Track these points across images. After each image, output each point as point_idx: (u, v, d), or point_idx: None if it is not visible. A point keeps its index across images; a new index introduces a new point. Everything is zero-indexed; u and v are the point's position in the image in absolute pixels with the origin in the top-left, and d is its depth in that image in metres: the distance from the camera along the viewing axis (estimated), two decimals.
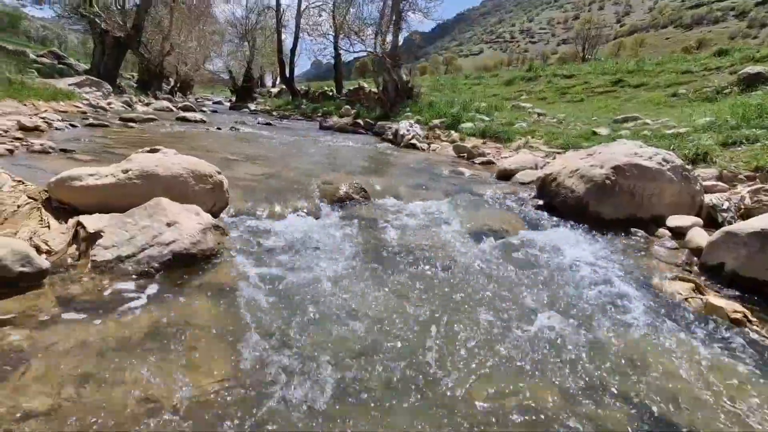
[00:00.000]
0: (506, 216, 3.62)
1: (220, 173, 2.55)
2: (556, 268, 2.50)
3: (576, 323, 1.87)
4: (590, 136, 7.66)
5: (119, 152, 4.28)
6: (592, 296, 2.15)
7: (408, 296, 1.98)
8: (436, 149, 8.37)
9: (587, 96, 13.02)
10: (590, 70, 16.37)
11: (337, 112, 16.13)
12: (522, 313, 1.91)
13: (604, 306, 2.05)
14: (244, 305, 1.74)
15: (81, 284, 1.66)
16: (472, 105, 11.63)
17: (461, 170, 5.49)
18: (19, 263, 1.51)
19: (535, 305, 1.99)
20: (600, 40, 41.98)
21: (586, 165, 3.78)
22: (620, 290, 2.24)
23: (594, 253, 2.79)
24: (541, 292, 2.14)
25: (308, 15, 21.49)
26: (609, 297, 2.16)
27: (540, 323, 1.83)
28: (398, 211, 3.44)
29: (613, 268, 2.56)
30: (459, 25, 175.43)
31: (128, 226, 1.91)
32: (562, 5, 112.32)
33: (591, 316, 1.95)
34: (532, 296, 2.09)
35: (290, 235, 2.64)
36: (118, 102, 11.77)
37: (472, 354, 1.57)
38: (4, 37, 53.99)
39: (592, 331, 1.82)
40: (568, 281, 2.31)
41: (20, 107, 7.00)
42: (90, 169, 2.14)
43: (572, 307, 2.01)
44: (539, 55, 69.07)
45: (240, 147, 6.04)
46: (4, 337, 1.29)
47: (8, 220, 1.97)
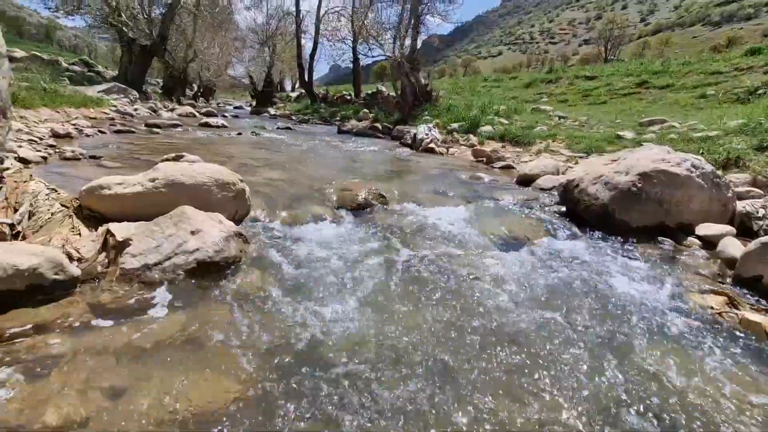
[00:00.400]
0: (528, 223, 3.55)
1: (242, 181, 2.59)
2: (581, 277, 2.43)
3: (602, 337, 1.81)
4: (614, 140, 7.46)
5: (145, 158, 4.41)
6: (618, 309, 2.09)
7: (427, 307, 1.96)
8: (455, 153, 8.32)
9: (610, 98, 12.71)
10: (613, 71, 15.99)
11: (355, 116, 16.23)
12: (546, 326, 1.87)
13: (630, 319, 1.99)
14: (266, 314, 1.76)
15: (110, 292, 1.71)
16: (491, 108, 11.50)
17: (480, 175, 5.42)
18: (53, 271, 1.56)
19: (559, 318, 1.95)
20: (623, 39, 40.98)
21: (610, 171, 3.68)
22: (648, 303, 2.17)
23: (620, 263, 2.71)
24: (564, 303, 2.09)
25: (327, 20, 21.72)
26: (636, 310, 2.09)
27: (563, 336, 1.78)
28: (417, 218, 3.43)
29: (640, 278, 2.48)
30: (477, 27, 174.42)
31: (155, 234, 1.96)
32: (584, 5, 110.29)
33: (617, 330, 1.89)
34: (555, 308, 2.04)
35: (310, 242, 2.66)
36: (144, 108, 12.15)
37: (493, 368, 1.54)
38: (40, 46, 56.55)
39: (618, 346, 1.76)
40: (594, 292, 2.25)
41: (53, 114, 7.31)
42: (118, 178, 2.21)
43: (598, 320, 1.96)
44: (560, 56, 67.96)
45: (260, 152, 6.14)
46: (40, 344, 1.34)
47: (43, 228, 2.05)
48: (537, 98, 14.86)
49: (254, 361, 1.44)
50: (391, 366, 1.51)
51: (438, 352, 1.60)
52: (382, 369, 1.48)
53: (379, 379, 1.43)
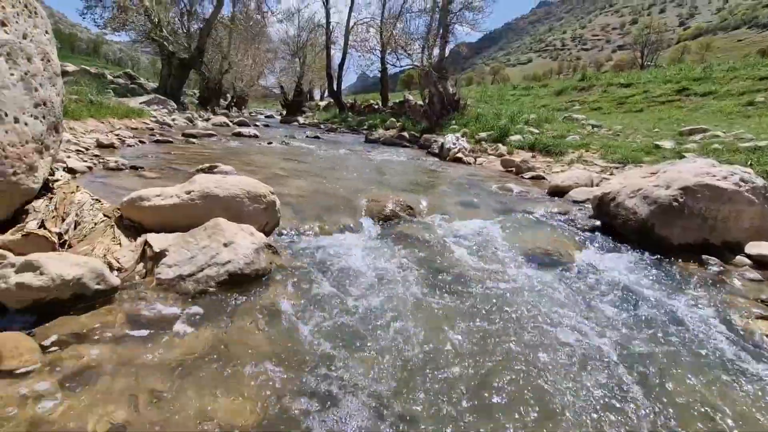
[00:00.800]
0: (560, 237, 3.44)
1: (273, 193, 2.64)
2: (618, 298, 2.32)
3: (642, 361, 1.71)
4: (651, 150, 7.16)
5: (181, 168, 4.59)
6: (660, 333, 1.97)
7: (459, 326, 1.92)
8: (483, 163, 8.21)
9: (647, 106, 12.23)
10: (650, 77, 15.39)
11: (382, 125, 16.34)
12: (580, 350, 1.78)
13: (674, 344, 1.87)
14: (294, 328, 1.77)
15: (146, 301, 1.76)
16: (521, 117, 11.30)
17: (510, 186, 5.31)
18: (95, 281, 1.63)
19: (594, 341, 1.85)
20: (661, 45, 39.42)
21: (649, 185, 3.51)
22: (693, 328, 2.03)
23: (661, 283, 2.57)
24: (600, 327, 1.99)
25: (356, 31, 22.11)
26: (680, 336, 1.96)
27: (599, 362, 1.69)
28: (445, 230, 3.38)
29: (683, 300, 2.33)
30: (506, 34, 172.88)
31: (190, 245, 2.02)
32: (618, 10, 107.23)
33: (658, 353, 1.78)
34: (591, 331, 1.95)
35: (337, 254, 2.67)
36: (181, 118, 12.70)
37: (525, 393, 1.48)
38: (89, 60, 60.45)
39: (659, 371, 1.65)
40: (633, 315, 2.13)
41: (99, 125, 7.75)
42: (156, 190, 2.30)
43: (639, 343, 1.85)
44: (592, 62, 66.16)
45: (289, 162, 6.27)
46: (81, 352, 1.40)
47: (87, 237, 2.16)
48: (569, 106, 14.49)
49: (281, 381, 1.44)
50: (416, 386, 1.47)
51: (472, 374, 1.56)
52: (405, 390, 1.45)
53: (400, 397, 1.40)
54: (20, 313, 1.51)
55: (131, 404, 1.24)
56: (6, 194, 2.03)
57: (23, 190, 2.13)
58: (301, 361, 1.55)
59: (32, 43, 2.20)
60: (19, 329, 1.45)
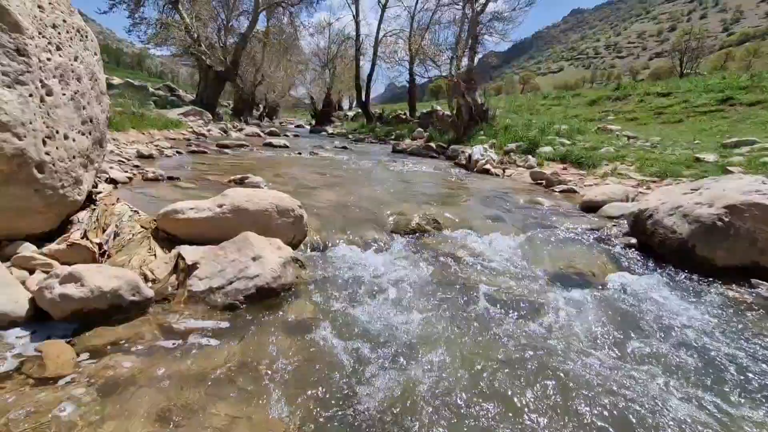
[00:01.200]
0: (593, 256, 3.30)
1: (300, 207, 2.68)
2: (657, 323, 2.19)
3: (688, 399, 1.60)
4: (692, 163, 6.82)
5: (214, 179, 4.75)
6: (704, 366, 1.84)
7: (484, 353, 1.86)
8: (512, 175, 8.05)
9: (687, 116, 11.69)
10: (691, 87, 14.72)
11: (409, 135, 16.39)
12: (617, 382, 1.69)
13: (719, 381, 1.74)
14: (319, 344, 1.78)
15: (177, 313, 1.82)
16: (552, 128, 11.05)
17: (539, 200, 5.18)
18: (130, 293, 1.70)
19: (634, 373, 1.75)
20: (702, 51, 37.71)
21: (690, 202, 3.34)
22: (741, 361, 1.89)
23: (705, 308, 2.41)
24: (637, 357, 1.88)
25: (385, 43, 22.40)
26: (726, 368, 1.82)
27: (640, 398, 1.59)
28: (471, 246, 3.32)
29: (730, 329, 2.18)
30: (537, 42, 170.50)
31: (219, 258, 2.08)
32: (655, 17, 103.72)
33: (707, 389, 1.66)
34: (628, 361, 1.84)
35: (363, 269, 2.67)
36: (215, 128, 13.20)
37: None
38: (132, 73, 64.28)
39: (712, 413, 1.54)
40: (672, 344, 2.00)
41: (140, 136, 8.17)
42: (190, 203, 2.38)
43: (682, 377, 1.73)
44: (627, 70, 64.10)
45: (317, 173, 6.37)
46: (115, 363, 1.45)
47: (125, 248, 2.26)
48: (602, 116, 14.06)
49: (306, 399, 1.44)
50: (439, 418, 1.44)
51: (477, 389, 1.51)
52: (428, 421, 1.42)
53: (431, 410, 1.37)
54: (62, 321, 1.59)
55: (162, 417, 1.27)
56: (54, 206, 2.16)
57: (69, 202, 2.26)
58: (326, 380, 1.55)
59: (82, 65, 2.35)
60: (61, 337, 1.53)
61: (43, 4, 2.09)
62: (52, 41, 2.11)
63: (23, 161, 1.91)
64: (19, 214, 2.00)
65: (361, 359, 1.70)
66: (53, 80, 2.09)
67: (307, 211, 3.20)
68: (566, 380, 1.65)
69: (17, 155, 1.87)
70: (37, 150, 1.97)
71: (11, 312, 1.54)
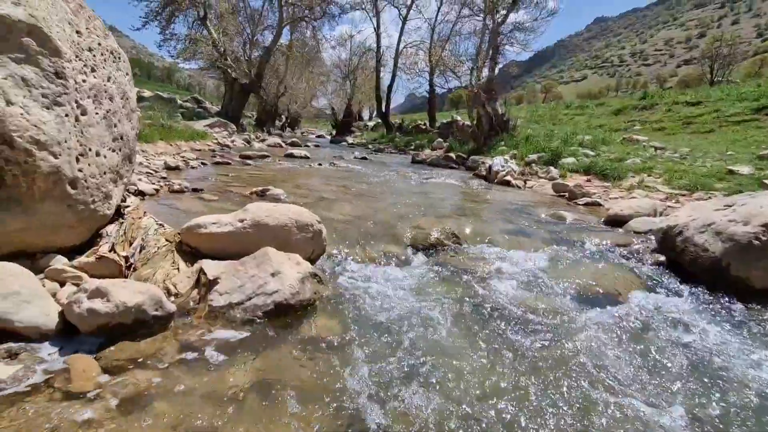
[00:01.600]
0: (619, 274, 3.19)
1: (319, 222, 2.70)
2: (688, 349, 2.08)
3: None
4: (724, 176, 6.55)
5: (236, 190, 4.86)
6: (743, 401, 1.73)
7: (504, 377, 1.82)
8: (533, 187, 7.92)
9: (719, 126, 11.25)
10: (722, 95, 14.20)
11: (429, 145, 16.40)
12: (643, 417, 1.61)
13: (761, 419, 1.63)
14: (336, 364, 1.77)
15: (198, 329, 1.85)
16: (575, 138, 10.84)
17: (562, 213, 5.06)
18: (153, 308, 1.74)
19: (662, 413, 1.66)
20: (734, 58, 36.40)
21: (723, 219, 3.19)
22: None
23: (743, 334, 2.28)
24: (667, 391, 1.79)
25: (406, 54, 22.59)
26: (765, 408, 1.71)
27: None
28: (491, 262, 3.26)
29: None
30: (559, 50, 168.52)
31: (240, 273, 2.11)
32: (683, 23, 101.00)
33: (743, 425, 1.56)
34: (658, 399, 1.75)
35: (382, 284, 2.66)
36: (239, 139, 13.55)
37: None
38: (162, 85, 67.23)
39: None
40: (706, 375, 1.89)
41: (167, 148, 8.46)
42: (213, 217, 2.44)
43: (717, 415, 1.63)
44: (654, 78, 62.46)
45: (337, 184, 6.43)
46: (137, 379, 1.49)
47: (150, 261, 2.32)
48: (628, 126, 13.71)
49: (324, 419, 1.44)
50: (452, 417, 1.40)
51: (497, 415, 1.46)
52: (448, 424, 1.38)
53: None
54: (89, 335, 1.64)
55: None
56: (85, 221, 2.25)
57: (99, 216, 2.34)
58: (343, 399, 1.54)
59: (114, 85, 2.46)
60: (87, 351, 1.58)
61: (81, 29, 2.20)
62: (87, 63, 2.22)
63: (58, 178, 2.00)
64: (53, 228, 2.09)
65: (378, 379, 1.68)
66: (87, 100, 2.20)
67: (326, 225, 3.22)
68: (591, 415, 1.59)
69: (53, 173, 1.96)
70: (71, 167, 2.06)
71: (43, 325, 1.60)
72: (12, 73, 1.83)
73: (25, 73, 1.88)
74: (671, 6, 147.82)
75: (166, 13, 16.58)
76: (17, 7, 1.84)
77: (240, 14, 20.59)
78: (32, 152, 1.87)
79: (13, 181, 1.87)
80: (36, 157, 1.89)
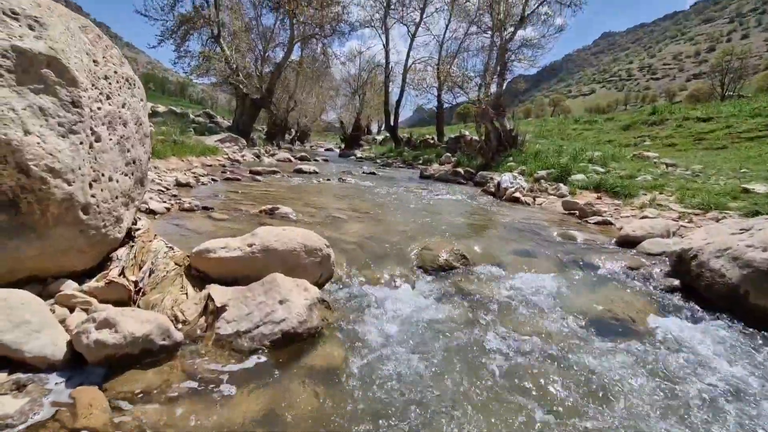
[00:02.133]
0: (632, 299, 3.12)
1: (328, 246, 2.70)
2: (709, 390, 2.00)
3: None
4: (739, 194, 6.43)
5: (246, 209, 4.88)
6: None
7: (514, 405, 1.77)
8: (542, 204, 7.86)
9: (731, 142, 11.11)
10: (734, 110, 14.05)
11: (437, 160, 16.45)
12: None
13: None
14: (345, 394, 1.74)
15: (205, 358, 1.84)
16: (584, 154, 10.78)
17: (573, 233, 4.99)
18: (161, 337, 1.74)
19: None
20: (746, 72, 36.12)
21: (740, 244, 3.12)
22: None
23: (763, 369, 2.20)
24: (687, 429, 1.72)
25: (414, 70, 22.84)
26: None
27: None
28: (502, 286, 3.21)
29: None
30: (566, 65, 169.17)
31: (247, 300, 2.10)
32: (692, 38, 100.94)
33: None
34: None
35: (390, 309, 2.63)
36: (249, 154, 13.72)
37: None
38: (175, 100, 69.05)
39: None
40: (729, 413, 1.82)
41: (179, 163, 8.59)
42: (222, 242, 2.45)
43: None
44: (663, 92, 62.20)
45: (346, 201, 6.45)
46: (144, 413, 1.47)
47: (159, 285, 2.33)
48: (638, 142, 13.61)
49: None
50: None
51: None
52: None
53: None
54: (95, 365, 1.64)
55: None
56: (97, 245, 2.27)
57: (110, 241, 2.36)
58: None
59: (129, 111, 2.50)
60: (94, 383, 1.57)
61: (98, 58, 2.26)
62: (103, 91, 2.27)
63: (71, 204, 2.03)
64: (64, 253, 2.11)
65: (386, 412, 1.65)
66: (102, 127, 2.24)
67: (335, 245, 3.22)
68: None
69: (66, 199, 1.99)
70: (84, 193, 2.09)
71: (51, 355, 1.60)
72: (31, 103, 1.87)
73: (42, 103, 1.92)
74: (679, 21, 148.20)
75: (181, 32, 17.05)
76: (38, 41, 1.89)
77: (252, 31, 21.10)
78: (47, 180, 1.90)
79: (28, 208, 1.90)
80: (50, 185, 1.91)
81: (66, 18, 2.15)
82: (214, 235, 3.60)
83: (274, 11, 19.42)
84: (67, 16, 2.19)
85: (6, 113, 1.79)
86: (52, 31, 1.98)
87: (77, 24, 2.25)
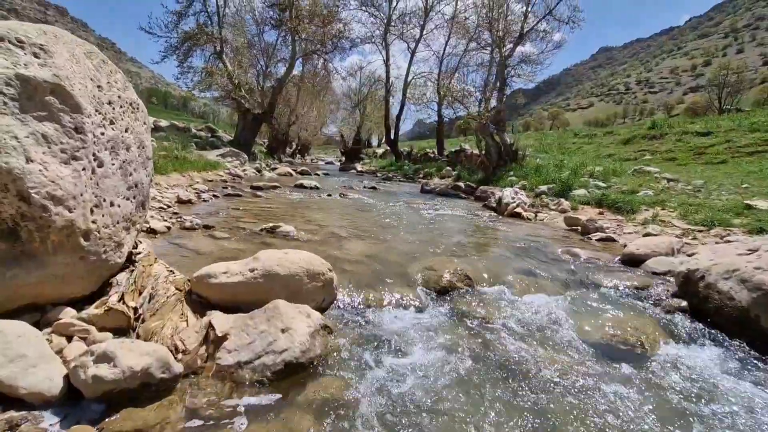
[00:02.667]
0: (638, 322, 3.06)
1: (330, 270, 2.66)
2: (724, 420, 1.95)
3: None
4: (742, 210, 6.40)
5: (247, 227, 4.85)
6: None
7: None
8: (544, 219, 7.84)
9: (731, 157, 11.15)
10: (733, 124, 14.13)
11: (438, 174, 16.49)
12: None
13: None
14: (351, 427, 1.68)
15: (205, 391, 1.79)
16: (585, 169, 10.80)
17: (576, 251, 4.95)
18: (160, 370, 1.69)
19: None
20: (742, 86, 36.50)
21: (748, 266, 3.08)
22: None
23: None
24: None
25: (414, 85, 23.08)
26: None
27: None
28: (505, 309, 3.16)
29: None
30: (565, 79, 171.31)
31: (249, 329, 2.06)
32: (688, 52, 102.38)
33: None
34: None
35: (392, 335, 2.57)
36: (250, 168, 13.76)
37: None
38: (178, 114, 69.83)
39: None
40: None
41: (180, 179, 8.59)
42: (223, 266, 2.41)
43: None
44: (661, 105, 62.79)
45: (347, 218, 6.43)
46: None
47: (159, 311, 2.28)
48: (638, 156, 13.66)
49: None
50: None
51: None
52: None
53: None
54: (92, 401, 1.59)
55: None
56: (96, 270, 2.23)
57: (110, 266, 2.33)
58: None
59: (132, 135, 2.50)
60: (90, 420, 1.52)
61: (102, 83, 2.26)
62: (107, 116, 2.26)
63: (71, 231, 2.00)
64: (63, 280, 2.08)
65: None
66: (105, 152, 2.23)
67: (337, 266, 3.18)
68: None
69: (67, 226, 1.97)
70: (85, 220, 2.06)
71: (46, 391, 1.55)
72: (33, 130, 1.86)
73: (46, 130, 1.91)
74: (675, 36, 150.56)
75: (184, 48, 17.29)
76: (43, 68, 1.89)
77: (254, 48, 21.41)
78: (48, 207, 1.88)
79: (28, 236, 1.87)
80: (51, 212, 1.89)
81: (71, 45, 2.16)
82: (216, 255, 3.56)
83: (277, 28, 19.73)
84: (73, 42, 2.20)
85: (8, 141, 1.77)
86: (57, 58, 1.98)
87: (83, 50, 2.26)
